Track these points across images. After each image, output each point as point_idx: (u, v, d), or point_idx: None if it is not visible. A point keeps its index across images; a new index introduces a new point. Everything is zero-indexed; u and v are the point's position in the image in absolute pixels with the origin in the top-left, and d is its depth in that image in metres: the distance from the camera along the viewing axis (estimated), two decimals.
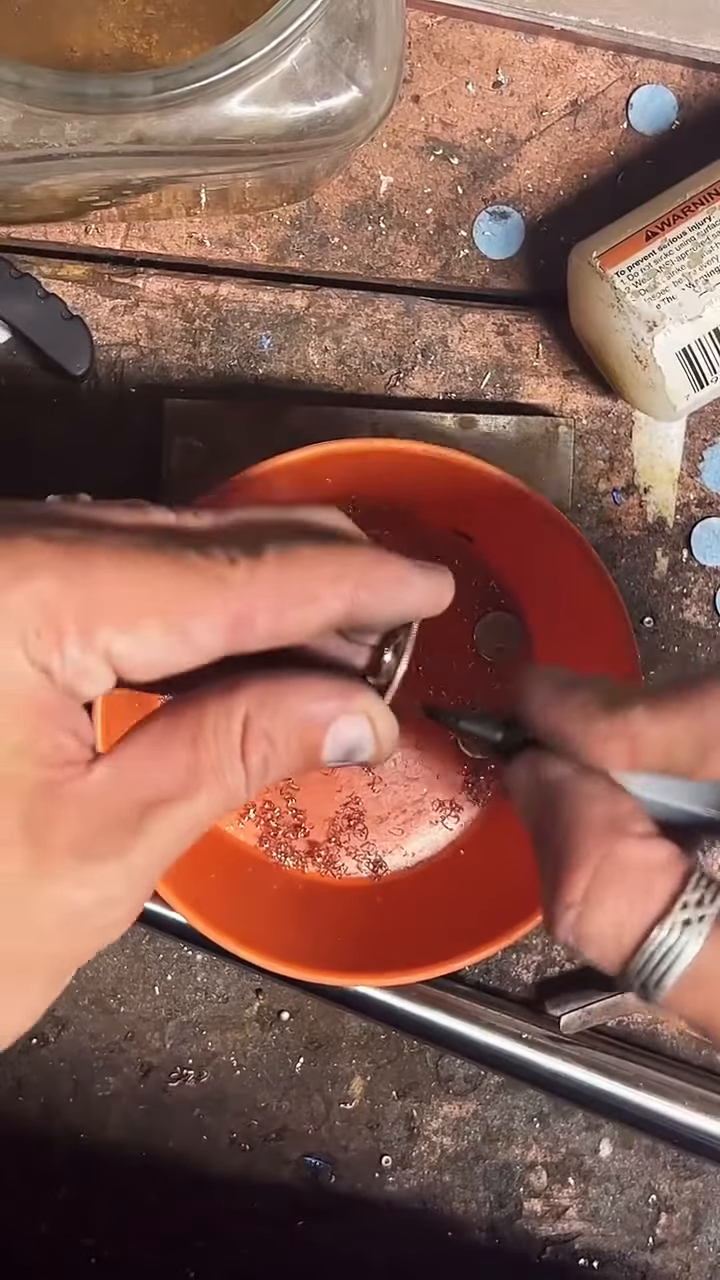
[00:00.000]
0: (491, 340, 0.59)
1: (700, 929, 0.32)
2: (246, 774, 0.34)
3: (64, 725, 0.32)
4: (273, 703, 0.34)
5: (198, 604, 0.32)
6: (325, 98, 0.45)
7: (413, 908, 0.56)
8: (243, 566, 0.33)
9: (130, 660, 0.32)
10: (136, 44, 0.51)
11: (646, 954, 0.32)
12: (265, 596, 0.33)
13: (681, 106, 0.59)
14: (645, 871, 0.33)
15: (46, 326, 0.55)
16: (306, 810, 0.57)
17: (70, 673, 0.32)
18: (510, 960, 0.60)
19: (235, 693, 0.34)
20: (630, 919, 0.33)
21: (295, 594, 0.34)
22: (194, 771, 0.33)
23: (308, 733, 0.34)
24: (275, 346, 0.58)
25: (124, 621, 0.32)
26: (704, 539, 0.60)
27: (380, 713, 0.35)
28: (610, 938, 0.33)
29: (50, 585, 0.31)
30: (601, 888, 0.33)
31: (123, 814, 0.33)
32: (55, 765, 0.32)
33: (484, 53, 0.59)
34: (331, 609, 0.34)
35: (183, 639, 0.32)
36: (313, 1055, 0.59)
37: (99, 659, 0.32)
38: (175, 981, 0.59)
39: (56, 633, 0.31)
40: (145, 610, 0.32)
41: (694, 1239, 0.60)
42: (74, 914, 0.33)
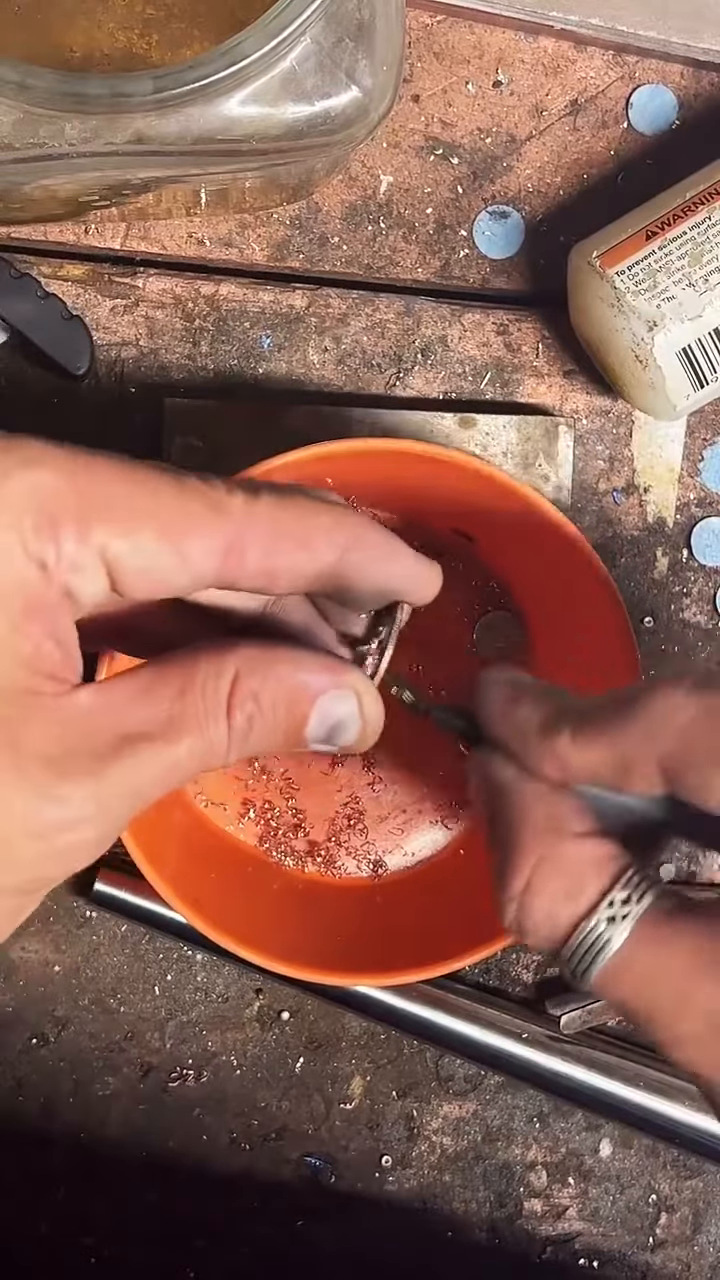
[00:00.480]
0: (491, 340, 0.59)
1: (624, 925, 0.34)
2: (230, 731, 0.34)
3: (50, 629, 0.32)
4: (264, 666, 0.34)
5: (195, 520, 0.33)
6: (325, 97, 0.45)
7: (413, 908, 0.56)
8: (240, 498, 0.34)
9: (124, 565, 0.32)
10: (136, 44, 0.51)
11: (574, 945, 0.35)
12: (260, 528, 0.34)
13: (681, 106, 0.59)
14: (579, 869, 0.35)
15: (46, 326, 0.55)
16: (306, 810, 0.57)
17: (65, 567, 0.32)
18: (510, 960, 0.60)
19: (228, 651, 0.34)
20: (562, 912, 0.35)
21: (290, 533, 0.34)
22: (178, 717, 0.33)
23: (295, 702, 0.35)
24: (275, 346, 0.58)
25: (121, 523, 0.32)
26: (704, 539, 0.60)
27: (368, 692, 0.36)
28: (545, 928, 0.35)
29: (51, 478, 0.32)
30: (538, 883, 0.35)
31: (101, 740, 0.33)
32: (37, 672, 0.32)
33: (484, 52, 0.59)
34: (323, 559, 0.35)
35: (177, 553, 0.33)
36: (313, 1055, 0.59)
37: (94, 557, 0.32)
38: (175, 981, 0.59)
39: (54, 525, 0.32)
40: (143, 516, 0.32)
41: (694, 1239, 0.60)
42: (40, 827, 0.32)
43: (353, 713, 0.36)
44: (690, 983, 0.34)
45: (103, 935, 0.58)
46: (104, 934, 0.58)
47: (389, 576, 0.36)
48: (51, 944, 0.58)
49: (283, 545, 0.34)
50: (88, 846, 0.33)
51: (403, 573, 0.37)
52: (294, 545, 0.34)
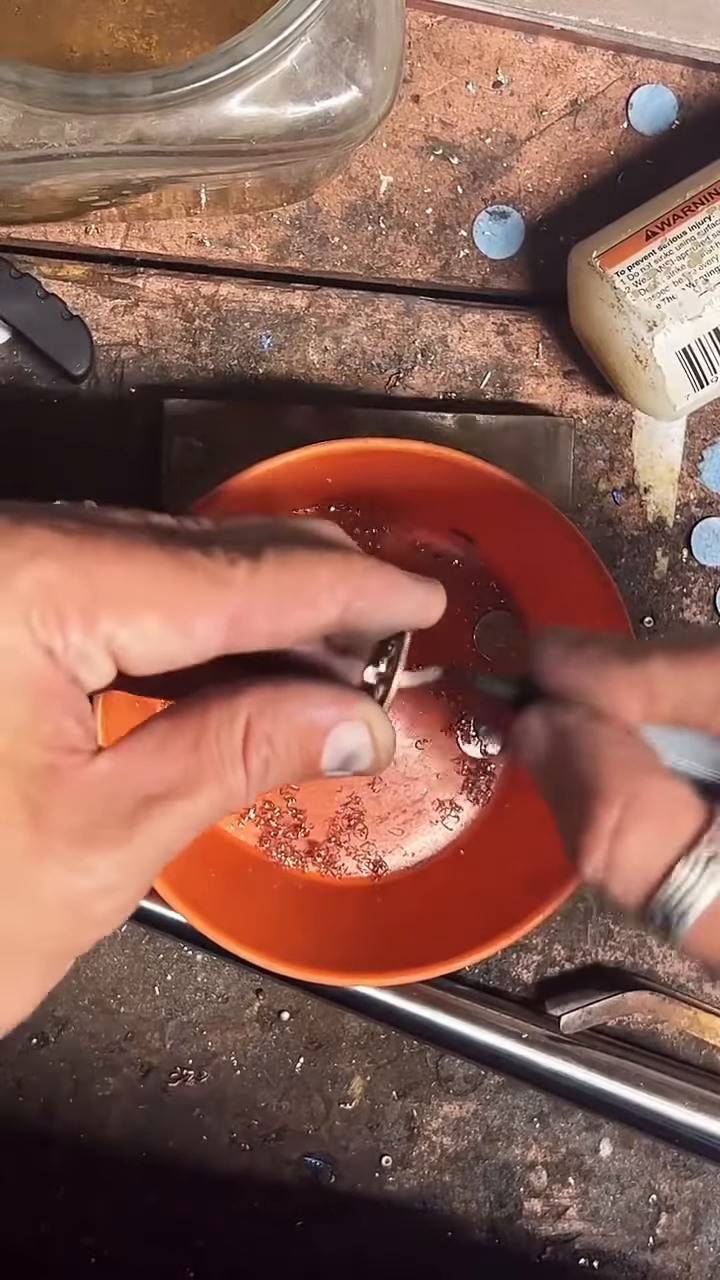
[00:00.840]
0: (491, 340, 0.59)
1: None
2: (247, 776, 0.34)
3: (68, 710, 0.33)
4: (274, 707, 0.35)
5: (199, 601, 0.33)
6: (325, 98, 0.45)
7: (413, 908, 0.56)
8: (243, 568, 0.34)
9: (130, 651, 0.33)
10: (136, 44, 0.51)
11: (671, 888, 0.33)
12: (264, 598, 0.34)
13: (681, 106, 0.59)
14: (671, 808, 0.34)
15: (46, 326, 0.55)
16: (306, 810, 0.57)
17: (72, 657, 0.32)
18: (510, 960, 0.60)
19: (238, 696, 0.35)
20: (658, 853, 0.33)
21: (294, 597, 0.34)
22: (195, 770, 0.34)
23: (308, 739, 0.35)
24: (275, 346, 0.58)
25: (126, 612, 0.33)
26: (704, 539, 0.60)
27: (379, 721, 0.36)
28: (638, 872, 0.34)
29: (56, 570, 0.32)
30: (629, 823, 0.34)
31: (123, 805, 0.33)
32: (58, 750, 0.33)
33: (484, 53, 0.59)
34: (328, 613, 0.35)
35: (182, 634, 0.33)
36: (313, 1055, 0.59)
37: (100, 647, 0.32)
38: (175, 981, 0.59)
39: (60, 617, 0.32)
40: (147, 602, 0.33)
41: (694, 1239, 0.60)
42: (72, 899, 0.33)
43: (365, 742, 0.36)
44: None
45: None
46: None
47: (393, 614, 0.37)
48: None
49: (288, 610, 0.34)
50: (118, 912, 0.34)
51: (407, 608, 0.37)
52: (299, 607, 0.34)
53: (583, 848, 0.34)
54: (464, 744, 0.57)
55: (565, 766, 0.36)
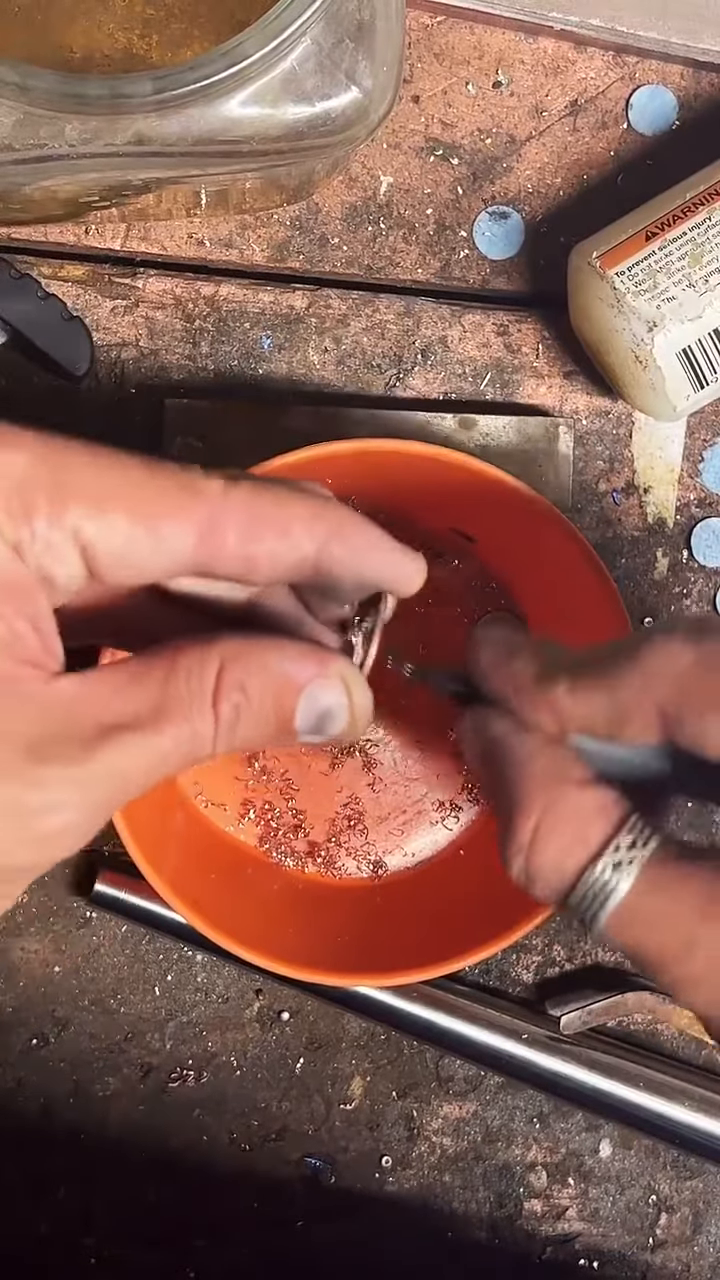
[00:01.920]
0: (491, 341, 0.59)
1: (631, 870, 0.35)
2: (216, 721, 0.34)
3: (25, 612, 0.32)
4: (249, 656, 0.34)
5: (169, 502, 0.33)
6: (325, 98, 0.45)
7: (413, 908, 0.56)
8: (217, 482, 0.34)
9: (99, 548, 0.32)
10: (136, 45, 0.51)
11: (582, 891, 0.35)
12: (237, 512, 0.33)
13: (681, 107, 0.59)
14: (582, 816, 0.36)
15: (46, 327, 0.55)
16: (306, 810, 0.57)
17: (39, 549, 0.32)
18: (510, 960, 0.60)
19: (213, 641, 0.34)
20: (569, 859, 0.36)
21: (267, 520, 0.34)
22: (162, 706, 0.33)
23: (282, 691, 0.34)
24: (275, 347, 0.58)
25: (95, 504, 0.32)
26: (704, 539, 0.60)
27: (356, 681, 0.36)
28: (553, 876, 0.36)
29: (24, 460, 0.32)
30: (545, 831, 0.36)
31: (82, 728, 0.32)
32: (14, 658, 0.32)
33: (484, 53, 0.59)
34: (302, 547, 0.34)
35: (151, 534, 0.33)
36: (313, 1055, 0.59)
37: (67, 539, 0.32)
38: (175, 982, 0.59)
39: (26, 507, 0.32)
40: (117, 498, 0.32)
41: (694, 1239, 0.60)
42: (17, 809, 0.31)
43: (341, 702, 0.35)
44: (697, 925, 0.34)
45: (103, 936, 0.58)
46: (104, 935, 0.58)
47: (370, 567, 0.36)
48: (52, 945, 0.58)
49: (260, 531, 0.34)
50: (69, 833, 0.32)
51: (384, 563, 0.37)
52: (272, 532, 0.34)
53: (506, 852, 0.36)
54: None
55: (494, 773, 0.38)
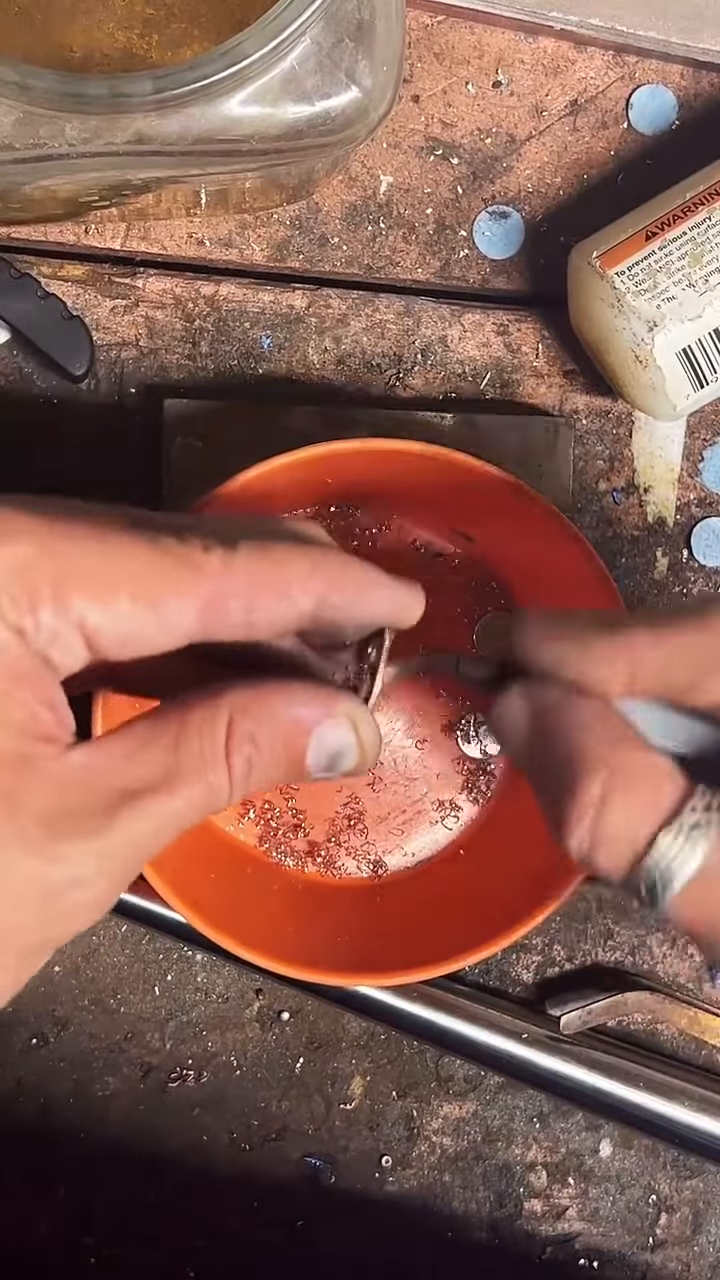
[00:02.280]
0: (491, 340, 0.59)
1: (707, 833, 0.33)
2: (230, 775, 0.34)
3: (39, 695, 0.33)
4: (257, 706, 0.34)
5: (171, 582, 0.33)
6: (325, 98, 0.45)
7: (413, 908, 0.56)
8: (217, 554, 0.34)
9: (102, 632, 0.33)
10: (136, 44, 0.51)
11: (655, 856, 0.34)
12: (237, 584, 0.34)
13: (681, 106, 0.59)
14: (654, 778, 0.34)
15: (46, 326, 0.55)
16: (306, 810, 0.57)
17: (44, 638, 0.32)
18: (510, 960, 0.60)
19: (220, 695, 0.34)
20: (642, 823, 0.34)
21: (267, 585, 0.34)
22: (175, 768, 0.34)
23: (292, 736, 0.35)
24: (275, 346, 0.58)
25: (98, 591, 0.32)
26: (704, 539, 0.60)
27: (363, 718, 0.36)
28: (623, 841, 0.34)
29: (28, 550, 0.32)
30: (613, 794, 0.34)
31: (99, 798, 0.33)
32: (31, 738, 0.33)
33: (484, 53, 0.59)
34: (302, 604, 0.35)
35: (155, 615, 0.33)
36: (313, 1055, 0.59)
37: (71, 627, 0.32)
38: (175, 981, 0.59)
39: (31, 596, 0.32)
40: (119, 583, 0.33)
41: (694, 1239, 0.60)
42: (43, 888, 0.32)
43: (350, 740, 0.36)
44: None
45: (103, 935, 0.58)
46: (104, 934, 0.58)
47: (368, 609, 0.36)
48: None
49: (261, 598, 0.34)
50: (92, 905, 0.33)
51: (382, 605, 0.37)
52: (272, 597, 0.34)
53: (567, 820, 0.35)
54: (464, 744, 0.57)
55: (547, 743, 0.36)
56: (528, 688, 0.37)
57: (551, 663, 0.37)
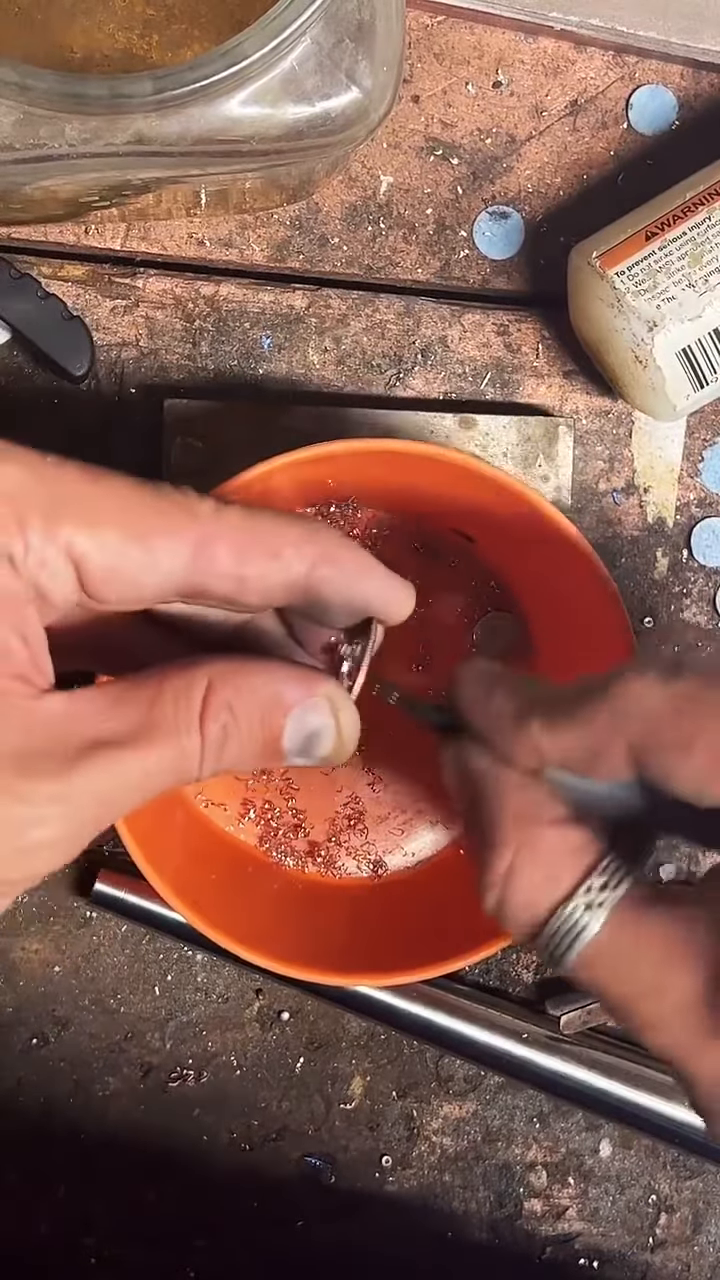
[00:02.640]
0: (491, 340, 0.59)
1: (600, 912, 0.35)
2: (203, 741, 0.34)
3: (15, 625, 0.32)
4: (238, 677, 0.34)
5: (162, 520, 0.33)
6: (325, 98, 0.45)
7: (413, 908, 0.56)
8: (210, 504, 0.34)
9: (92, 563, 0.32)
10: (136, 45, 0.51)
11: (552, 930, 0.36)
12: (229, 532, 0.34)
13: (681, 106, 0.59)
14: (556, 856, 0.36)
15: (46, 327, 0.55)
16: (307, 810, 0.57)
17: (33, 563, 0.32)
18: (510, 960, 0.60)
19: (201, 662, 0.34)
20: (541, 899, 0.36)
21: (259, 541, 0.34)
22: (149, 726, 0.33)
23: (270, 712, 0.35)
24: (275, 346, 0.58)
25: (89, 520, 0.32)
26: (704, 539, 0.60)
27: (344, 703, 0.36)
28: (525, 915, 0.36)
29: (18, 474, 0.32)
30: (518, 870, 0.36)
31: (68, 744, 0.32)
32: (3, 673, 0.32)
33: (484, 53, 0.59)
34: (292, 569, 0.35)
35: (145, 551, 0.33)
36: (313, 1055, 0.59)
37: (60, 553, 0.32)
38: (175, 981, 0.59)
39: (20, 520, 0.32)
40: (111, 514, 0.33)
41: (694, 1239, 0.60)
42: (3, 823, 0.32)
43: (328, 724, 0.36)
44: (663, 970, 0.34)
45: (103, 935, 0.58)
46: (104, 934, 0.58)
47: (360, 592, 0.37)
48: (52, 944, 0.58)
49: (252, 552, 0.34)
50: (52, 848, 0.33)
51: (374, 589, 0.37)
52: (263, 553, 0.34)
53: (482, 883, 0.37)
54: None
55: (473, 808, 0.38)
56: (463, 748, 0.39)
57: (478, 729, 0.38)
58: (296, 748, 0.35)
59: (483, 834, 0.37)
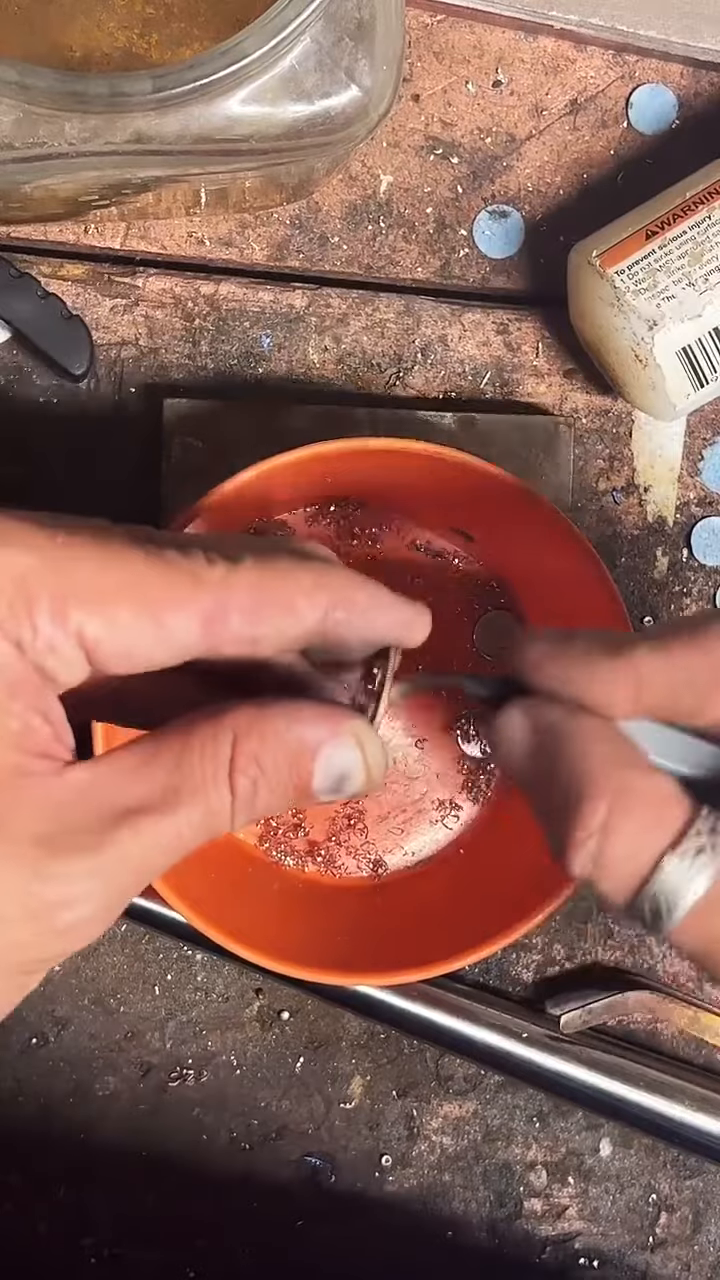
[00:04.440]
0: (491, 339, 0.59)
1: (712, 858, 0.33)
2: (233, 796, 0.33)
3: (35, 706, 0.32)
4: (261, 725, 0.34)
5: (172, 594, 0.33)
6: (325, 97, 0.45)
7: (413, 908, 0.56)
8: (220, 567, 0.33)
9: (103, 645, 0.32)
10: (136, 43, 0.51)
11: (660, 881, 0.33)
12: (240, 597, 0.33)
13: (681, 106, 0.59)
14: (658, 801, 0.34)
15: (46, 326, 0.55)
16: (306, 810, 0.57)
17: (41, 648, 0.32)
18: (510, 960, 0.60)
19: (223, 716, 0.34)
20: (646, 847, 0.33)
21: (270, 599, 0.34)
22: (177, 787, 0.33)
23: (297, 758, 0.34)
24: (275, 346, 0.58)
25: (97, 602, 0.32)
26: (704, 538, 0.60)
27: (369, 738, 0.35)
28: (627, 866, 0.33)
29: (26, 559, 0.32)
30: (617, 817, 0.33)
31: (96, 816, 0.32)
32: (26, 752, 0.32)
33: (484, 52, 0.59)
34: (307, 619, 0.34)
35: (156, 627, 0.32)
36: (313, 1055, 0.59)
37: (70, 638, 0.32)
38: (175, 981, 0.59)
39: (29, 606, 0.31)
40: (120, 595, 0.32)
41: (694, 1238, 0.60)
42: (36, 907, 0.31)
43: (356, 760, 0.35)
44: None
45: (103, 935, 0.58)
46: (104, 934, 0.58)
47: (375, 629, 0.36)
48: None
49: (264, 612, 0.34)
50: (89, 924, 0.33)
51: (389, 623, 0.36)
52: (276, 610, 0.34)
53: (571, 843, 0.34)
54: (464, 743, 0.57)
55: (549, 763, 0.35)
56: (530, 705, 0.36)
57: (555, 683, 0.36)
58: (327, 788, 0.35)
59: (565, 787, 0.34)
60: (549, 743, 0.35)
